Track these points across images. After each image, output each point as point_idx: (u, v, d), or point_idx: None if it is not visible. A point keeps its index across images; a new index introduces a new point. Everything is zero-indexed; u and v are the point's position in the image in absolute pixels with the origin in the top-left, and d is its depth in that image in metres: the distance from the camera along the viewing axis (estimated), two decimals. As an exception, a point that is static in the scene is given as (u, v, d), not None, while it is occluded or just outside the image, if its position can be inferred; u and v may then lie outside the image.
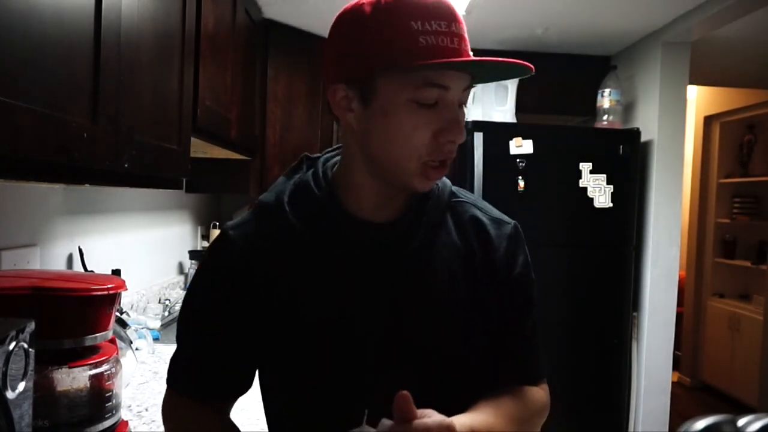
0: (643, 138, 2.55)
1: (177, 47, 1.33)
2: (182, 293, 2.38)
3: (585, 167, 2.44)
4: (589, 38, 2.67)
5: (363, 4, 0.67)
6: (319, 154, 0.82)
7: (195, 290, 0.80)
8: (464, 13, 2.37)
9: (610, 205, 2.45)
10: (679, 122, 2.56)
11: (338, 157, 0.79)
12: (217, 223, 2.70)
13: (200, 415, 0.78)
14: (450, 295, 0.75)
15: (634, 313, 2.60)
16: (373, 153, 0.70)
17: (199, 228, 2.72)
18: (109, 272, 1.66)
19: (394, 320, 0.73)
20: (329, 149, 0.84)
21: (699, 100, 4.59)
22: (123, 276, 1.70)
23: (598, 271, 2.50)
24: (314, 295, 0.73)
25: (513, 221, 0.81)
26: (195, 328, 0.79)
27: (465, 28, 0.67)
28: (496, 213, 0.82)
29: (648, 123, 2.59)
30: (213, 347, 0.77)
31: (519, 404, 0.75)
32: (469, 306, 0.75)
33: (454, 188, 0.82)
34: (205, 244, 2.69)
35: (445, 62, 0.63)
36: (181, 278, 2.50)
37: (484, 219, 0.79)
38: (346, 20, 0.69)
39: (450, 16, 0.65)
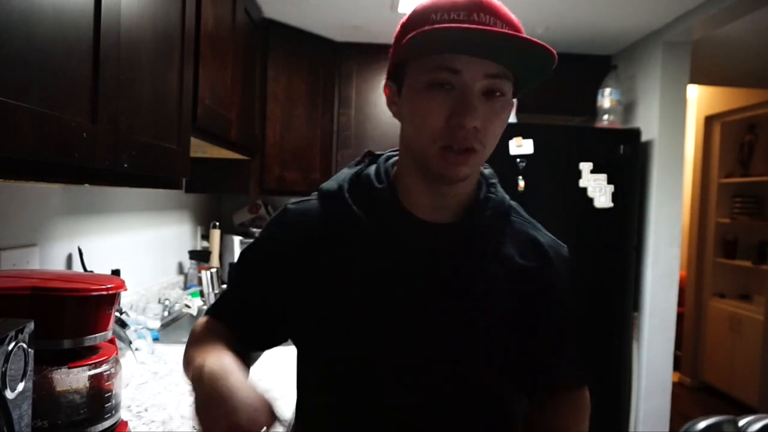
0: (644, 138, 2.55)
1: (177, 47, 1.33)
2: (182, 293, 2.38)
3: (585, 167, 2.44)
4: (589, 37, 2.67)
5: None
6: (382, 152, 0.85)
7: (253, 247, 0.85)
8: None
9: (611, 205, 2.45)
10: (680, 122, 2.55)
11: (397, 157, 0.82)
12: (217, 223, 2.70)
13: (222, 336, 0.78)
14: (496, 303, 0.75)
15: (635, 313, 2.59)
16: (407, 142, 0.75)
17: (198, 228, 2.72)
18: (109, 272, 1.66)
19: (437, 320, 0.73)
20: (392, 149, 0.85)
21: (700, 100, 4.58)
22: (122, 276, 1.70)
23: (598, 271, 2.49)
24: (362, 283, 0.74)
25: (565, 244, 0.85)
26: (243, 276, 0.85)
27: (497, 19, 0.68)
28: (551, 236, 0.84)
29: (648, 123, 2.59)
30: (254, 298, 0.81)
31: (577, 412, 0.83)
32: (515, 317, 0.76)
33: (513, 203, 0.84)
34: (205, 243, 2.69)
35: (431, 30, 0.63)
36: (181, 278, 2.50)
37: (543, 240, 0.81)
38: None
39: (471, 6, 0.67)
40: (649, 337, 2.58)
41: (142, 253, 2.10)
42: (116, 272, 1.69)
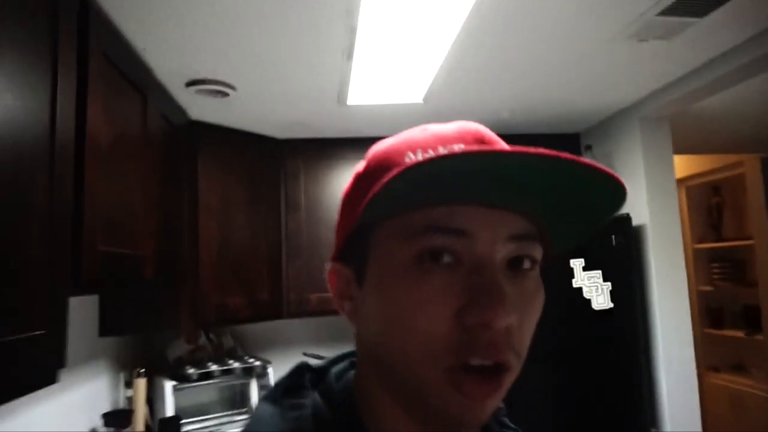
0: (635, 223, 2.27)
1: (44, 179, 0.93)
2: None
3: (577, 264, 2.12)
4: (556, 115, 2.43)
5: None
6: (323, 364, 0.55)
7: None
8: (421, 102, 2.09)
9: (611, 305, 2.11)
10: (671, 201, 2.31)
11: (352, 371, 0.53)
12: (143, 370, 2.15)
13: None
14: None
15: (653, 430, 2.20)
16: (379, 357, 0.46)
17: (121, 375, 2.19)
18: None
19: None
20: (338, 356, 0.57)
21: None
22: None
23: (604, 383, 2.12)
24: None
25: None
26: None
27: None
28: None
29: (638, 206, 2.31)
30: None
31: None
32: None
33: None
34: (129, 393, 2.16)
35: (424, 162, 0.36)
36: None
37: None
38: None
39: (466, 137, 0.46)
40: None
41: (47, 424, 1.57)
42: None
